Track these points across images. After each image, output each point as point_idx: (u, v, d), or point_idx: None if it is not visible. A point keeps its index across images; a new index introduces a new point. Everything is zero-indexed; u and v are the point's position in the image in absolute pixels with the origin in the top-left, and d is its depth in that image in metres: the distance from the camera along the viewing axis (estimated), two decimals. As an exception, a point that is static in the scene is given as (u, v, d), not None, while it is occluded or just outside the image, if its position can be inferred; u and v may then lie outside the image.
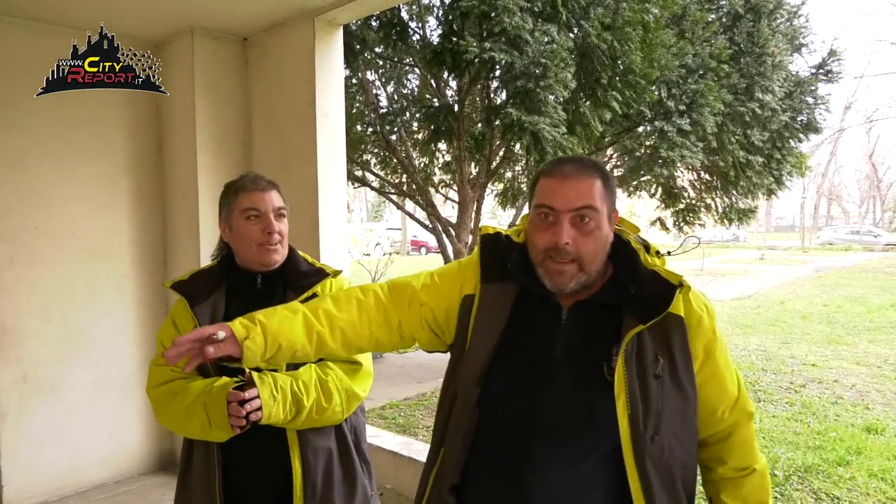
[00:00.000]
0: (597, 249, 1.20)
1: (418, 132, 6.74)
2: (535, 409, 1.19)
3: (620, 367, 1.14)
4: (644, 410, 1.14)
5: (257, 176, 1.72)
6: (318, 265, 1.78)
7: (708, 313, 1.24)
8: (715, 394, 1.24)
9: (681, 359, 1.18)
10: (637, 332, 1.16)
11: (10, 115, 3.25)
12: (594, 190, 1.19)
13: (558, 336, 1.23)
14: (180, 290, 1.72)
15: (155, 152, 3.82)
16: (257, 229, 1.64)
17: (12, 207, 3.30)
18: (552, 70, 3.68)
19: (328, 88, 3.36)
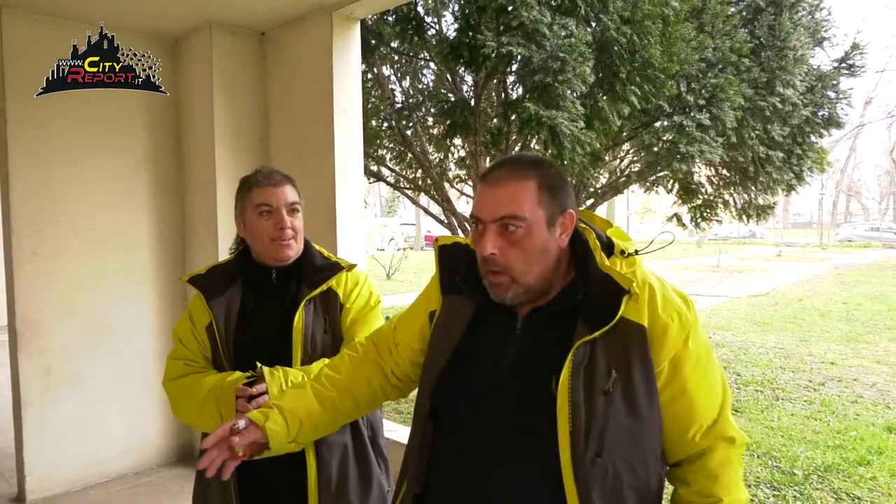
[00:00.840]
0: (528, 259, 1.11)
1: (433, 127, 6.72)
2: (481, 424, 1.14)
3: (565, 379, 1.05)
4: (586, 428, 1.04)
5: (271, 170, 1.71)
6: (334, 259, 1.77)
7: (679, 321, 1.11)
8: (683, 413, 1.11)
9: (639, 373, 1.07)
10: (586, 342, 1.07)
11: (29, 109, 3.28)
12: (521, 195, 1.10)
13: (510, 346, 1.16)
14: (197, 284, 1.73)
15: (173, 147, 3.85)
16: (270, 225, 1.64)
17: (34, 201, 3.34)
18: (570, 64, 3.65)
19: (346, 83, 3.36)
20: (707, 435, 1.12)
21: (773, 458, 4.29)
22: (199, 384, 1.59)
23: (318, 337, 1.65)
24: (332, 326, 1.67)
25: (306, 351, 1.63)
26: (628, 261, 1.15)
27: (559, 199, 1.13)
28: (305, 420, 1.27)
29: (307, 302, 1.65)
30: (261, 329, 1.67)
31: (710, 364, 1.15)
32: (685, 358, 1.10)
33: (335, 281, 1.70)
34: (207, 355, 1.70)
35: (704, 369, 1.13)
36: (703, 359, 1.13)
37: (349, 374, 1.36)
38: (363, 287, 1.75)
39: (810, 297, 12.27)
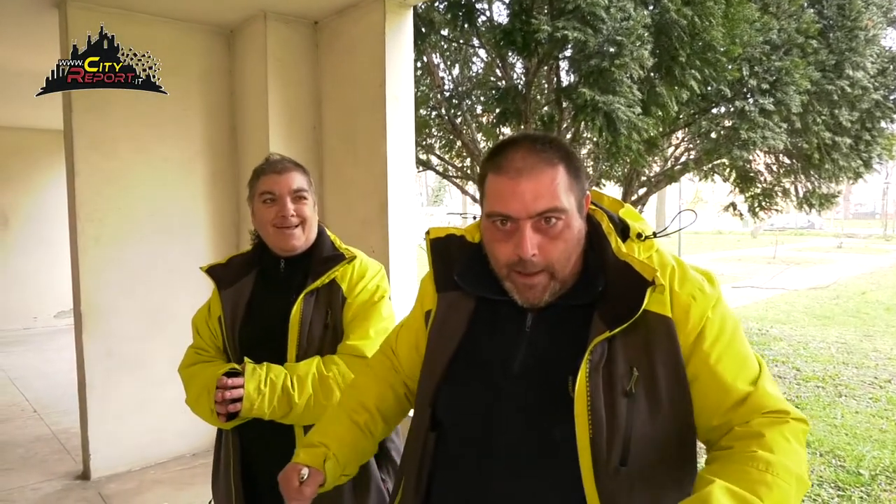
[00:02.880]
0: (569, 252, 0.99)
1: (483, 115, 6.66)
2: (489, 435, 1.02)
3: (582, 380, 0.93)
4: (609, 435, 0.92)
5: (279, 158, 1.66)
6: (342, 249, 1.67)
7: (701, 296, 0.98)
8: (710, 389, 0.97)
9: (665, 371, 0.95)
10: (604, 339, 0.95)
11: (95, 100, 3.37)
12: (557, 183, 0.97)
13: (520, 347, 1.03)
14: (212, 273, 1.72)
15: (229, 136, 3.90)
16: (273, 212, 1.59)
17: (97, 188, 3.44)
18: (628, 48, 3.54)
19: (398, 71, 3.34)
20: (740, 409, 0.96)
21: (836, 456, 4.11)
22: (199, 374, 1.58)
23: (317, 331, 1.58)
24: (333, 321, 1.59)
25: (301, 345, 1.56)
26: (645, 244, 1.03)
27: (582, 180, 1.02)
28: (352, 453, 1.21)
29: (307, 294, 1.58)
30: (264, 321, 1.62)
31: (735, 338, 1.00)
32: (706, 330, 0.97)
33: (339, 273, 1.61)
34: (219, 345, 1.68)
35: (729, 343, 0.98)
36: (728, 331, 0.99)
37: (375, 393, 1.27)
38: (371, 280, 1.64)
39: (874, 291, 11.75)
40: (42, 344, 7.09)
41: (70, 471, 3.64)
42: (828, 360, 6.60)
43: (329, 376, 1.50)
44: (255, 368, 1.49)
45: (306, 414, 1.50)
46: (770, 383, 1.00)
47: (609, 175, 6.83)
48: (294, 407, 1.48)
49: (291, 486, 1.12)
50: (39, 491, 3.41)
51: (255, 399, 1.45)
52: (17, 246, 7.91)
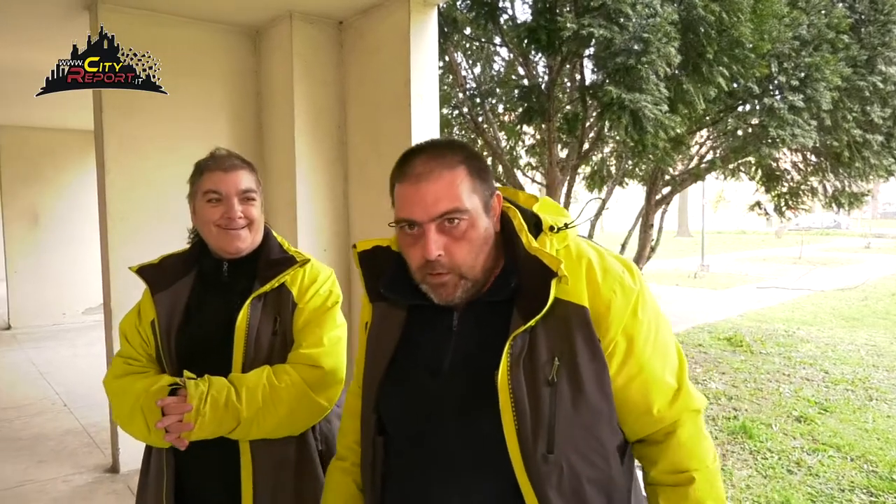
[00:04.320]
0: (475, 251, 1.02)
1: (504, 114, 6.64)
2: (428, 433, 1.05)
3: (504, 373, 0.96)
4: (533, 424, 0.95)
5: (226, 154, 1.55)
6: (292, 252, 1.58)
7: (623, 292, 1.01)
8: (644, 389, 1.02)
9: (586, 358, 0.98)
10: (523, 332, 0.98)
11: (125, 100, 3.42)
12: (457, 184, 1.00)
13: (449, 346, 1.06)
14: (143, 275, 1.60)
15: (255, 136, 3.94)
16: (218, 213, 1.48)
17: (126, 188, 3.49)
18: (655, 45, 3.50)
19: (423, 69, 3.34)
20: (671, 407, 1.03)
21: (868, 461, 4.03)
22: (130, 388, 1.44)
23: (265, 339, 1.48)
24: (282, 328, 1.49)
25: (248, 354, 1.46)
26: (559, 236, 1.05)
27: (487, 181, 1.05)
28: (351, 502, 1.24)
29: (255, 299, 1.48)
30: (204, 327, 1.50)
31: (661, 332, 1.05)
32: (637, 331, 1.01)
33: (289, 277, 1.52)
34: (151, 353, 1.55)
35: (656, 339, 1.03)
36: (654, 327, 1.04)
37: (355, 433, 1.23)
38: (322, 285, 1.54)
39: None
40: (71, 339, 7.23)
41: (99, 464, 3.71)
42: (857, 363, 6.47)
43: (281, 387, 1.41)
44: (196, 384, 1.37)
45: (255, 428, 1.41)
46: (687, 373, 1.08)
47: (632, 174, 6.77)
48: (242, 422, 1.38)
49: None
50: (71, 483, 3.48)
51: (195, 420, 1.35)
52: (47, 244, 8.06)
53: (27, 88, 5.76)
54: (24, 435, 4.18)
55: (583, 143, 5.35)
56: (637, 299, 1.02)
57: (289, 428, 1.46)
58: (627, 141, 3.92)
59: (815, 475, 3.87)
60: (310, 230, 3.64)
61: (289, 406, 1.41)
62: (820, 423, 4.76)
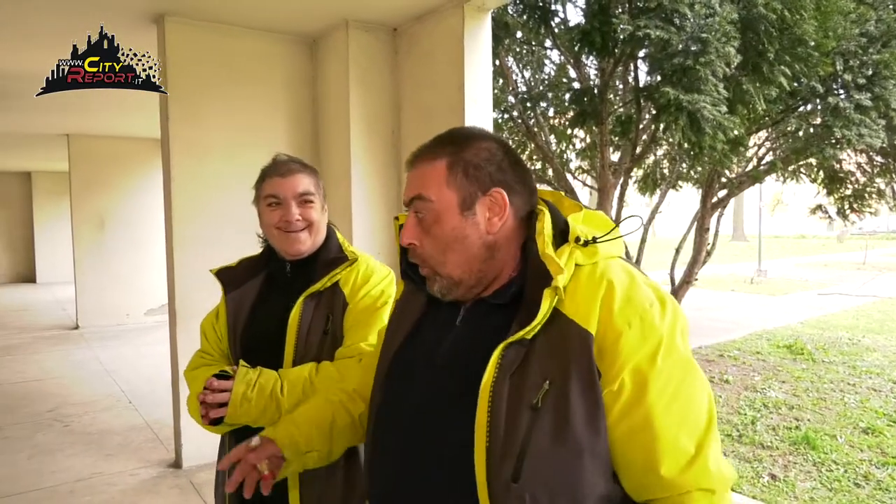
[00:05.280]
0: (440, 248, 0.98)
1: (555, 117, 6.61)
2: (407, 425, 1.01)
3: (486, 384, 0.88)
4: (504, 446, 0.86)
5: (286, 159, 1.60)
6: (348, 252, 1.61)
7: (641, 328, 0.87)
8: (646, 447, 0.87)
9: (578, 389, 0.86)
10: (516, 344, 0.89)
11: (190, 108, 3.56)
12: (429, 175, 0.98)
13: (448, 339, 1.02)
14: (220, 276, 1.68)
15: (311, 142, 4.03)
16: (277, 216, 1.53)
17: (191, 193, 3.62)
18: (713, 45, 3.43)
19: (477, 74, 3.36)
20: (682, 475, 0.87)
21: (943, 477, 3.84)
22: (198, 377, 1.53)
23: (316, 336, 1.52)
24: (333, 327, 1.52)
25: (298, 350, 1.51)
26: (587, 251, 0.94)
27: (478, 177, 0.97)
28: (317, 426, 1.20)
29: (307, 298, 1.52)
30: (264, 324, 1.57)
31: (686, 387, 0.89)
32: (651, 378, 0.86)
33: (342, 277, 1.55)
34: (224, 349, 1.64)
35: (676, 394, 0.88)
36: (677, 380, 0.88)
37: (358, 378, 1.27)
38: (375, 286, 1.55)
39: (980, 300, 10.88)
40: (134, 339, 7.52)
41: (163, 459, 3.85)
42: (932, 376, 6.17)
43: (319, 385, 1.44)
44: (246, 372, 1.44)
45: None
46: (714, 443, 0.89)
47: (687, 177, 6.63)
48: (283, 414, 1.41)
49: (237, 450, 1.13)
50: (137, 476, 3.62)
51: (240, 404, 1.40)
52: (112, 248, 8.42)
53: (95, 99, 6.05)
54: (93, 430, 4.38)
55: (636, 145, 5.28)
56: (661, 342, 0.88)
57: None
58: (684, 143, 3.85)
59: (885, 489, 3.71)
60: (364, 233, 3.70)
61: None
62: (889, 435, 4.55)
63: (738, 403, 5.38)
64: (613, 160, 6.06)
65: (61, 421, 4.57)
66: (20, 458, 3.88)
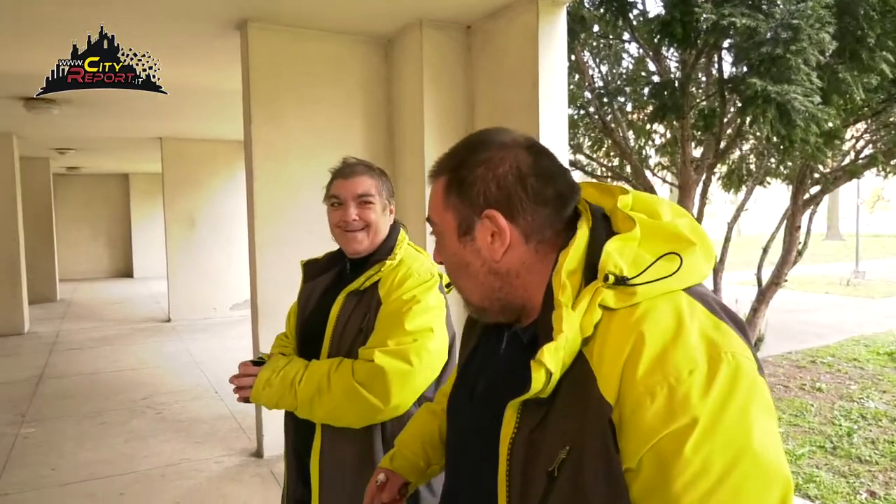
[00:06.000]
0: (452, 272, 0.90)
1: (633, 112, 6.42)
2: (458, 444, 0.99)
3: (504, 442, 0.79)
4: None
5: (353, 162, 1.68)
6: (397, 252, 1.64)
7: (669, 400, 0.66)
8: None
9: (595, 464, 0.69)
10: (525, 402, 0.77)
11: (270, 111, 3.68)
12: (433, 195, 0.91)
13: (489, 368, 0.93)
14: (304, 268, 1.83)
15: (386, 142, 4.09)
16: (338, 216, 1.62)
17: (271, 194, 3.75)
18: (805, 32, 3.22)
19: (552, 70, 3.30)
20: None
21: None
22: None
23: (351, 333, 1.57)
24: (368, 325, 1.56)
25: (334, 344, 1.58)
26: (621, 292, 0.74)
27: (472, 197, 0.84)
28: (429, 442, 1.19)
29: (350, 294, 1.60)
30: (318, 316, 1.66)
31: (735, 486, 0.65)
32: (675, 467, 0.65)
33: (382, 277, 1.58)
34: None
35: (716, 489, 0.65)
36: (718, 475, 0.65)
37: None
38: (408, 291, 1.54)
39: None
40: (221, 332, 7.89)
41: (246, 448, 4.01)
42: None
43: (335, 379, 1.50)
44: (278, 359, 1.58)
45: (309, 412, 1.53)
46: None
47: (776, 172, 6.28)
48: (299, 403, 1.52)
49: (370, 489, 1.16)
50: (222, 464, 3.79)
51: (262, 388, 1.53)
52: (200, 245, 8.88)
53: (185, 104, 6.38)
54: (183, 418, 4.62)
55: (720, 140, 5.06)
56: (694, 424, 0.65)
57: (339, 419, 1.53)
58: (772, 137, 3.64)
59: None
60: (438, 232, 3.72)
61: (335, 398, 1.48)
62: None
63: (831, 413, 5.06)
64: (695, 156, 5.83)
65: (154, 408, 4.85)
66: (117, 443, 4.15)
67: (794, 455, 4.22)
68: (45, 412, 4.81)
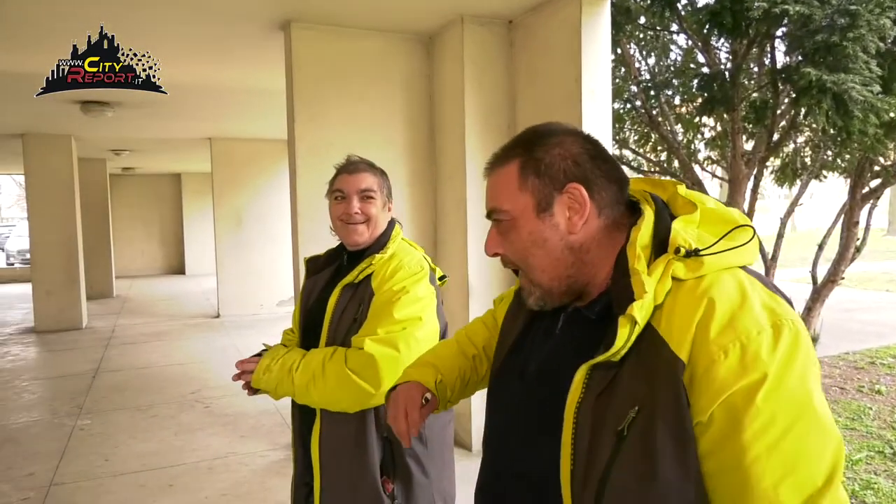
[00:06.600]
0: (521, 256, 0.93)
1: (681, 105, 6.26)
2: (508, 425, 1.01)
3: (571, 405, 0.82)
4: (585, 471, 0.80)
5: (357, 160, 1.77)
6: (390, 245, 1.71)
7: (742, 358, 0.74)
8: (736, 493, 0.75)
9: (666, 421, 0.75)
10: (605, 363, 0.81)
11: (313, 109, 3.72)
12: (502, 182, 0.93)
13: (543, 349, 0.98)
14: (307, 264, 1.90)
15: (427, 138, 4.08)
16: (341, 209, 1.68)
17: (314, 190, 3.78)
18: (864, 17, 3.07)
19: (595, 64, 3.24)
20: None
21: None
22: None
23: (346, 324, 1.63)
24: (361, 316, 1.62)
25: (330, 333, 1.64)
26: (690, 263, 0.82)
27: (552, 175, 0.90)
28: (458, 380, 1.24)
29: (346, 287, 1.66)
30: (317, 308, 1.72)
31: (798, 435, 0.74)
32: (746, 417, 0.73)
33: (374, 270, 1.64)
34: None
35: (781, 441, 0.73)
36: (784, 426, 0.73)
37: (483, 336, 1.29)
38: (399, 282, 1.59)
39: None
40: (267, 328, 8.04)
41: (289, 443, 4.05)
42: None
43: (329, 365, 1.55)
44: (278, 349, 1.68)
45: (305, 397, 1.59)
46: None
47: (832, 166, 6.03)
48: (296, 389, 1.58)
49: (415, 403, 1.15)
50: (266, 458, 3.87)
51: (262, 373, 1.62)
52: (247, 242, 9.08)
53: (232, 105, 6.52)
54: (229, 412, 4.73)
55: (773, 132, 4.87)
56: (764, 378, 0.74)
57: (334, 404, 1.59)
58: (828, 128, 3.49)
59: None
60: (479, 229, 3.69)
61: (329, 384, 1.54)
62: None
63: (892, 417, 4.83)
64: (747, 149, 5.65)
65: (202, 402, 4.98)
66: (167, 435, 4.27)
67: (850, 460, 4.04)
68: (100, 404, 4.99)
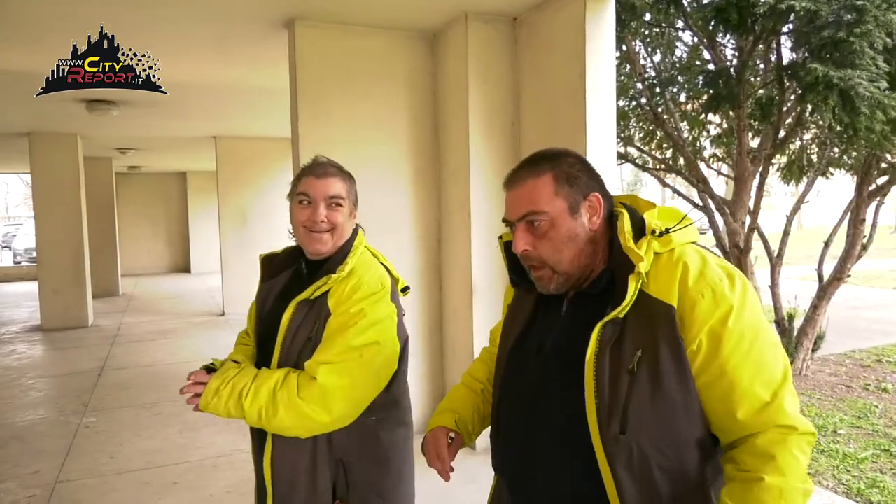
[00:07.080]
0: (558, 248, 1.17)
1: (687, 103, 6.22)
2: (529, 407, 1.21)
3: (591, 358, 1.08)
4: (610, 406, 1.06)
5: (324, 161, 1.64)
6: (349, 261, 1.58)
7: (714, 297, 1.05)
8: (725, 395, 1.05)
9: (667, 353, 1.05)
10: (613, 322, 1.08)
11: (317, 107, 3.72)
12: (538, 189, 1.17)
13: (554, 330, 1.22)
14: (262, 263, 1.79)
15: (431, 137, 4.08)
16: (306, 214, 1.57)
17: (319, 189, 3.79)
18: (871, 13, 3.04)
19: (599, 61, 3.22)
20: (757, 417, 1.04)
21: None
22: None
23: (300, 342, 1.54)
24: (317, 335, 1.52)
25: (283, 352, 1.55)
26: (663, 240, 1.13)
27: (578, 185, 1.18)
28: (473, 414, 1.44)
29: (299, 304, 1.55)
30: (272, 317, 1.61)
31: (759, 345, 1.06)
32: (724, 338, 1.04)
33: (332, 287, 1.54)
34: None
35: (749, 350, 1.05)
36: (749, 340, 1.05)
37: (484, 371, 1.50)
38: (356, 304, 1.50)
39: None
40: (272, 327, 8.05)
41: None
42: None
43: (280, 392, 1.46)
44: (228, 368, 1.53)
45: (258, 423, 1.48)
46: (789, 394, 1.06)
47: (839, 163, 5.99)
48: (246, 415, 1.47)
49: (441, 445, 1.35)
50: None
51: (211, 398, 1.48)
52: (252, 240, 9.09)
53: (237, 103, 6.52)
54: (235, 409, 4.73)
55: (779, 129, 4.85)
56: (731, 309, 1.05)
57: (284, 431, 1.49)
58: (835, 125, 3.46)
59: None
60: (483, 227, 3.69)
61: (279, 413, 1.45)
62: None
63: (899, 416, 4.80)
64: (752, 146, 5.62)
65: (208, 400, 4.98)
66: (172, 433, 4.28)
67: (856, 458, 4.02)
68: (105, 402, 5.01)
